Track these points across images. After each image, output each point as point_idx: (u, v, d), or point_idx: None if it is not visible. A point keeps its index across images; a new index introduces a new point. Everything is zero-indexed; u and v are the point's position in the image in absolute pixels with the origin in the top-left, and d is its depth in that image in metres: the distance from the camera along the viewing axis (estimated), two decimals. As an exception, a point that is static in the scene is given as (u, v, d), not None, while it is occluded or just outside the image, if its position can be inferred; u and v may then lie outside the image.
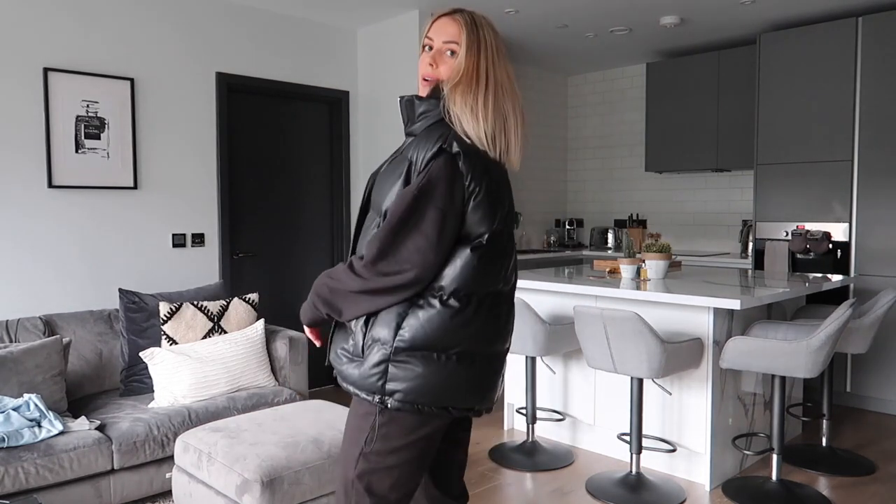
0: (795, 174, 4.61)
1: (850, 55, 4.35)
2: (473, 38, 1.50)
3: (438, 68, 1.51)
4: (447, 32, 1.51)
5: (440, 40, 1.52)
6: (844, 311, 2.83)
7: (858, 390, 4.42)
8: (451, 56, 1.50)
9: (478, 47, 1.49)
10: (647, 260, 3.60)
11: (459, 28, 1.50)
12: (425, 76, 1.53)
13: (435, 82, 1.51)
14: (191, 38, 4.10)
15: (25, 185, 3.51)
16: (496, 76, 1.51)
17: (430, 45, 1.54)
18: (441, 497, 1.77)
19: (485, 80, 1.49)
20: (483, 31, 1.51)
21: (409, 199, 1.43)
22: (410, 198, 1.43)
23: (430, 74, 1.52)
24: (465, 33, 1.50)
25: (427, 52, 1.54)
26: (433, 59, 1.52)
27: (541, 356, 3.56)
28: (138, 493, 2.91)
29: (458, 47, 1.49)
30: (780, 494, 3.02)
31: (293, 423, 2.69)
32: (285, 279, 4.68)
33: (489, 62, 1.50)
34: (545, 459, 3.51)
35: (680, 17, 4.67)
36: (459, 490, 1.82)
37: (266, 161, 4.59)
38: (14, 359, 2.89)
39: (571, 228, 6.40)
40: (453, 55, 1.50)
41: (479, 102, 1.48)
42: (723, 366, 3.05)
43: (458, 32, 1.50)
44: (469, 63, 1.48)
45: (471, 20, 1.52)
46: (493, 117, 1.50)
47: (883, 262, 4.28)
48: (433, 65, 1.51)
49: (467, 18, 1.52)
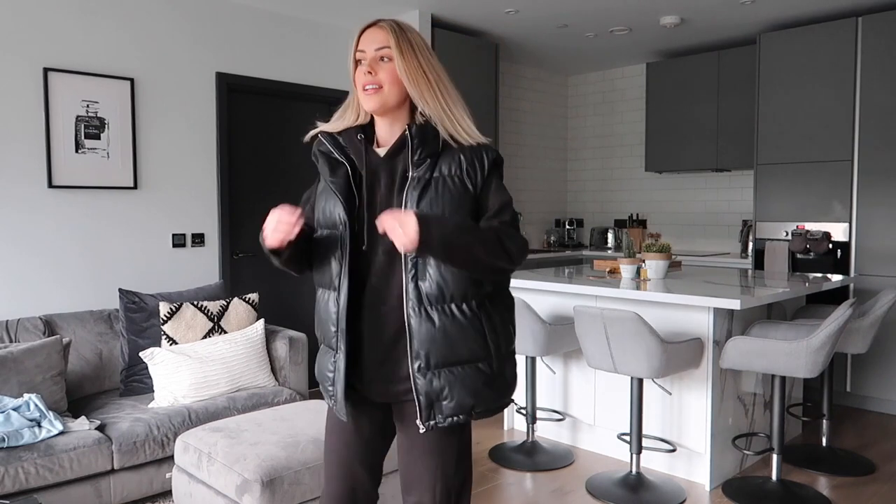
0: (795, 174, 4.61)
1: (850, 55, 4.35)
2: (404, 39, 1.53)
3: (378, 75, 1.52)
4: (377, 40, 1.53)
5: (372, 49, 1.53)
6: (844, 311, 2.83)
7: (858, 390, 4.42)
8: (386, 62, 1.52)
9: (411, 48, 1.53)
10: (647, 260, 3.60)
11: (387, 34, 1.52)
12: (366, 84, 1.53)
13: (379, 89, 1.52)
14: (191, 38, 4.10)
15: (25, 184, 3.51)
16: (437, 71, 1.56)
17: (362, 58, 1.55)
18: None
19: (435, 77, 1.54)
20: (409, 34, 1.55)
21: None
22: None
23: (371, 81, 1.52)
24: (394, 37, 1.52)
25: (361, 64, 1.55)
26: (370, 67, 1.52)
27: (541, 356, 3.56)
28: (138, 493, 2.91)
29: (391, 51, 1.51)
30: (780, 494, 3.02)
31: (293, 423, 2.69)
32: (285, 279, 4.67)
33: (427, 60, 1.54)
34: (545, 459, 3.51)
35: (680, 17, 4.67)
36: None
37: (266, 161, 4.59)
38: (14, 359, 2.89)
39: (571, 228, 6.40)
40: (387, 60, 1.52)
41: (453, 99, 1.57)
42: (723, 366, 3.05)
43: (387, 37, 1.52)
44: (406, 65, 1.51)
45: (396, 25, 1.55)
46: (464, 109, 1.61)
47: (883, 262, 4.28)
48: (371, 72, 1.52)
49: (392, 24, 1.54)
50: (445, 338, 1.50)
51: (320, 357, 1.68)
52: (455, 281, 1.50)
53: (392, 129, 1.59)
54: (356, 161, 1.59)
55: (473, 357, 1.53)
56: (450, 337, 1.50)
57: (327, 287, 1.61)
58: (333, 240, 1.57)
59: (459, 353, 1.51)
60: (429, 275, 1.50)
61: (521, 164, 6.17)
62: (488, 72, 5.01)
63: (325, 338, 1.64)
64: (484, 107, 4.94)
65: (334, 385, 1.60)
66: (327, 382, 1.63)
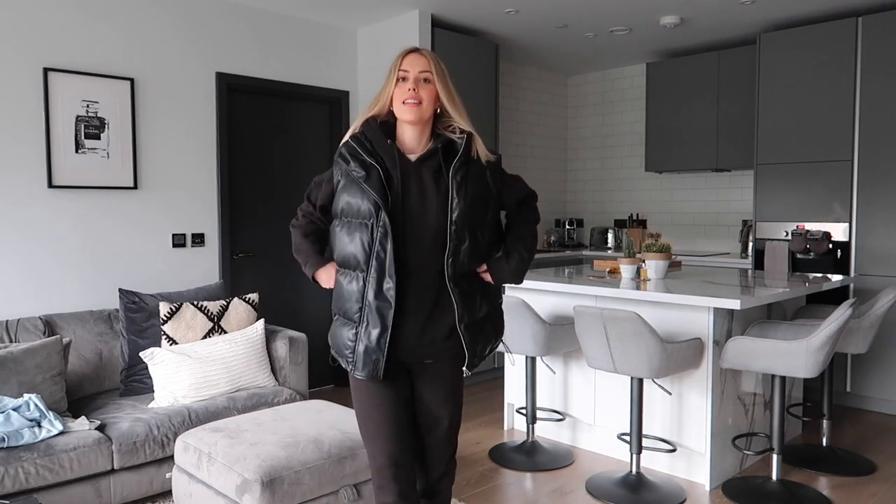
0: (795, 174, 4.61)
1: (850, 55, 4.35)
2: (439, 67, 1.91)
3: (419, 93, 1.86)
4: (420, 64, 1.88)
5: (415, 70, 1.88)
6: (844, 311, 2.83)
7: (858, 390, 4.42)
8: (425, 83, 1.88)
9: (443, 74, 1.92)
10: (647, 260, 3.60)
11: (428, 60, 1.90)
12: (408, 99, 1.85)
13: (419, 104, 1.86)
14: (191, 38, 4.10)
15: (25, 184, 3.51)
16: (456, 92, 1.96)
17: (406, 77, 1.88)
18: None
19: (457, 98, 1.95)
20: (441, 63, 1.93)
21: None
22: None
23: (413, 97, 1.86)
24: (434, 64, 1.90)
25: (403, 81, 1.88)
26: (414, 85, 1.86)
27: (541, 356, 3.56)
28: (138, 493, 2.91)
29: (432, 75, 1.89)
30: (780, 494, 3.02)
31: (293, 423, 2.69)
32: (285, 279, 4.68)
33: (451, 84, 1.94)
34: (545, 459, 3.51)
35: (680, 17, 4.67)
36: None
37: (266, 161, 4.59)
38: (14, 359, 2.89)
39: (571, 228, 6.39)
40: (427, 82, 1.89)
41: (467, 115, 1.97)
42: (723, 366, 3.05)
43: (428, 64, 1.89)
44: (443, 88, 1.90)
45: (433, 55, 1.94)
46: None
47: (883, 262, 4.28)
48: (414, 90, 1.86)
49: (432, 53, 1.94)
50: (472, 300, 1.92)
51: (340, 329, 1.94)
52: (474, 260, 1.90)
53: (420, 137, 1.92)
54: (386, 162, 1.87)
55: (487, 313, 1.98)
56: (475, 299, 1.93)
57: (353, 269, 1.88)
58: (361, 229, 1.85)
59: (481, 310, 1.95)
60: (460, 255, 1.87)
61: (521, 164, 6.17)
62: (488, 72, 5.01)
63: (347, 312, 1.90)
64: (484, 107, 4.94)
65: (371, 353, 1.85)
66: (347, 350, 1.90)
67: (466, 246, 1.86)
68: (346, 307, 1.90)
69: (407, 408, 1.99)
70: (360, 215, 1.85)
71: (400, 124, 1.92)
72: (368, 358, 1.85)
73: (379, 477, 1.96)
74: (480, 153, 1.93)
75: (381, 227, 1.80)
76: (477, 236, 1.90)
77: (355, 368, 1.89)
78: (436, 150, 1.89)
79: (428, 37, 4.53)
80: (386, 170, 1.86)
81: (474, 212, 1.88)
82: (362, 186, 1.83)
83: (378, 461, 1.95)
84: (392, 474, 1.93)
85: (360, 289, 1.85)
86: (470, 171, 1.89)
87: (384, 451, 1.93)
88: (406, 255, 1.84)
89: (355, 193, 1.85)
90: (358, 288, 1.86)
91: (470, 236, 1.87)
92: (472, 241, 1.87)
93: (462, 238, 1.86)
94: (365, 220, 1.84)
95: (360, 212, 1.84)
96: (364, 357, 1.86)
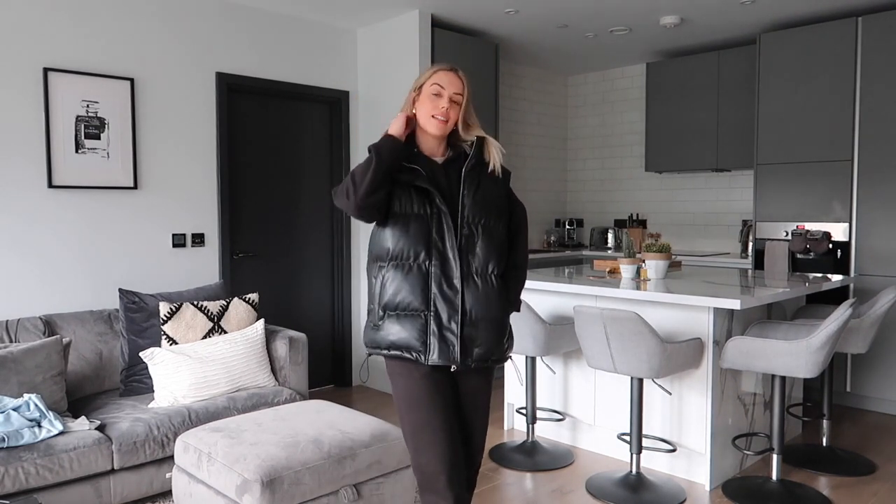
0: (795, 174, 4.61)
1: (850, 55, 4.35)
2: (469, 93, 2.06)
3: (449, 112, 2.02)
4: (456, 86, 2.03)
5: (451, 90, 2.02)
6: (844, 311, 2.83)
7: (858, 390, 4.42)
8: (454, 104, 2.03)
9: (470, 99, 2.07)
10: (647, 260, 3.61)
11: (463, 85, 2.04)
12: (439, 115, 2.00)
13: (446, 121, 2.02)
14: (191, 38, 4.10)
15: (25, 185, 3.51)
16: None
17: (440, 93, 2.01)
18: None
19: (476, 119, 2.12)
20: (470, 87, 2.07)
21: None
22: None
23: (444, 114, 2.01)
24: (467, 90, 2.05)
25: (436, 97, 2.01)
26: (448, 104, 2.01)
27: (541, 356, 3.56)
28: (138, 493, 2.91)
29: (462, 99, 2.04)
30: (780, 494, 3.02)
31: (293, 423, 2.69)
32: (285, 279, 4.68)
33: (472, 106, 2.10)
34: (545, 459, 3.51)
35: (680, 17, 4.67)
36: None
37: (266, 161, 4.59)
38: (14, 359, 2.89)
39: (571, 228, 6.40)
40: (457, 104, 2.04)
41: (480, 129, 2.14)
42: (723, 366, 3.05)
43: (463, 88, 2.04)
44: (465, 110, 2.06)
45: (467, 79, 2.07)
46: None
47: (883, 262, 4.28)
48: (446, 108, 2.00)
49: (466, 77, 2.07)
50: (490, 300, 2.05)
51: (394, 324, 1.97)
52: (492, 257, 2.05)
53: (440, 145, 2.08)
54: (422, 167, 2.01)
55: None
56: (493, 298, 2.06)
57: (407, 260, 1.97)
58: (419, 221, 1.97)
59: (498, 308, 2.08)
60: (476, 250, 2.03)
61: (521, 164, 6.17)
62: (488, 72, 5.01)
63: (409, 306, 1.96)
64: (484, 107, 4.94)
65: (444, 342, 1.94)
66: (417, 342, 1.95)
67: (482, 241, 2.01)
68: (409, 299, 1.95)
69: (456, 413, 2.04)
70: (412, 212, 1.97)
71: (422, 132, 2.06)
72: (444, 343, 1.93)
73: (433, 482, 1.96)
74: (493, 157, 2.07)
75: (434, 221, 1.96)
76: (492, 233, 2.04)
77: (430, 355, 1.94)
78: (459, 154, 2.08)
79: (428, 37, 4.53)
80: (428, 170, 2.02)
81: (488, 208, 2.03)
82: (413, 185, 1.97)
83: (433, 467, 1.95)
84: (448, 479, 1.95)
85: (422, 277, 1.95)
86: (482, 171, 2.06)
87: (443, 457, 1.95)
88: (445, 246, 1.98)
89: (405, 191, 1.97)
90: (421, 275, 1.95)
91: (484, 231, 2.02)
92: (487, 237, 2.02)
93: (475, 233, 2.00)
94: (421, 212, 1.97)
95: (410, 208, 1.97)
96: (440, 344, 1.93)
